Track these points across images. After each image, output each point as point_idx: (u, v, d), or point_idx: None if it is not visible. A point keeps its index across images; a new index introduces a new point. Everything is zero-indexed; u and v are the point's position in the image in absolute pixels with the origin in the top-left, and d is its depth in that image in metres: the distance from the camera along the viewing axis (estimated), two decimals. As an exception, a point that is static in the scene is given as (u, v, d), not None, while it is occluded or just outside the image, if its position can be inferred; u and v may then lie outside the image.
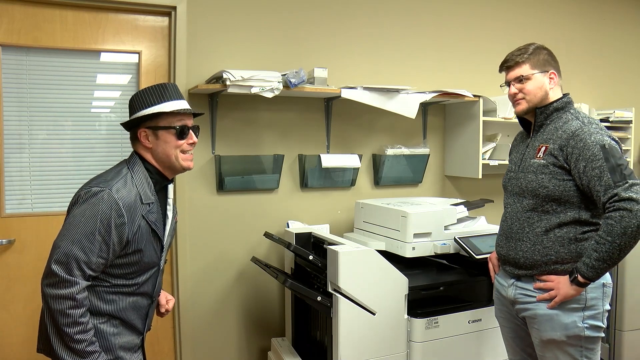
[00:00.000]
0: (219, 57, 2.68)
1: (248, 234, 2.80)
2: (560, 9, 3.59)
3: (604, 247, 1.66)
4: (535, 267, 1.85)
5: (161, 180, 1.66)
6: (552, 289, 1.80)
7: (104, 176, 1.58)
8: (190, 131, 1.66)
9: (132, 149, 1.67)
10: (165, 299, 1.88)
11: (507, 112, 3.05)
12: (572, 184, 1.78)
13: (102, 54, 2.57)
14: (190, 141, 1.65)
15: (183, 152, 1.64)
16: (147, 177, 1.61)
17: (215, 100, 2.66)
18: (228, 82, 2.38)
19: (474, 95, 2.94)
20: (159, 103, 1.60)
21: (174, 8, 2.58)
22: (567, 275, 1.78)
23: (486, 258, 2.34)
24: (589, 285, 1.76)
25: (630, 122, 3.51)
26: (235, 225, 2.77)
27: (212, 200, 2.72)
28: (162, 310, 1.86)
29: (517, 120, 3.00)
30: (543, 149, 1.85)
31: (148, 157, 1.63)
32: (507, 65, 1.93)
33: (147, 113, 1.58)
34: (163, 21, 2.65)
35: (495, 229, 2.56)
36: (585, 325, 1.78)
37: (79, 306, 1.43)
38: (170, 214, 1.69)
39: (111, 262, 1.52)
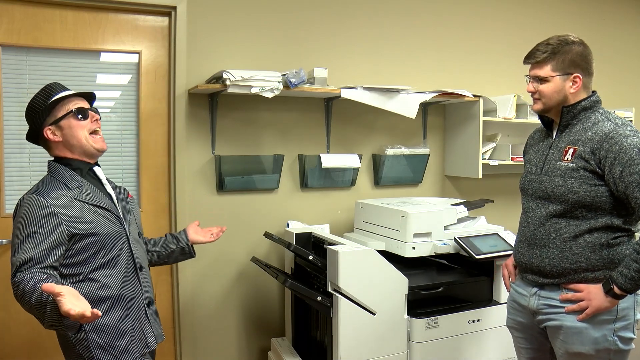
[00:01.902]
0: (219, 57, 2.68)
1: (248, 234, 2.80)
2: (560, 9, 3.59)
3: None
4: (563, 275, 1.72)
5: (84, 165, 1.72)
6: (582, 300, 1.68)
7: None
8: (90, 111, 1.72)
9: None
10: (210, 233, 2.12)
11: (507, 112, 3.05)
12: (605, 189, 1.65)
13: (102, 54, 2.57)
14: (94, 119, 1.72)
15: (92, 133, 1.71)
16: (67, 170, 1.68)
17: (215, 100, 2.66)
18: (228, 82, 2.38)
19: (474, 95, 2.93)
20: (49, 100, 1.67)
21: (174, 8, 2.58)
22: (599, 285, 1.65)
23: (486, 258, 2.34)
24: None
25: (630, 122, 3.50)
26: (235, 225, 2.77)
27: (212, 200, 2.72)
28: (214, 235, 2.12)
29: (517, 120, 3.07)
30: (571, 151, 1.71)
31: (63, 152, 1.70)
32: (529, 61, 1.80)
33: (41, 111, 1.65)
34: (163, 21, 2.65)
35: (495, 228, 2.57)
36: (616, 338, 1.67)
37: (27, 282, 1.43)
38: (111, 190, 1.76)
39: (77, 248, 1.58)
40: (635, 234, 1.73)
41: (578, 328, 1.70)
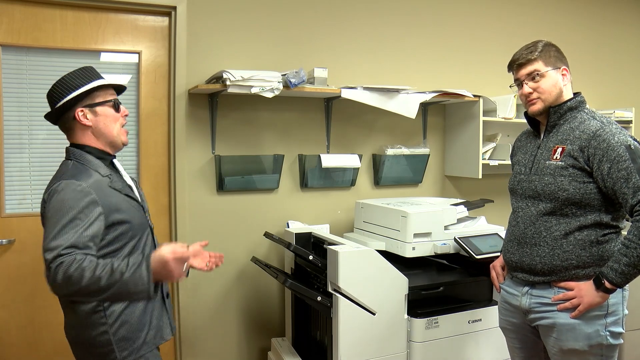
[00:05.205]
0: (219, 57, 2.68)
1: (248, 234, 2.80)
2: (560, 8, 3.59)
3: (635, 252, 1.59)
4: (554, 273, 1.74)
5: (105, 156, 1.69)
6: (574, 297, 1.70)
7: (55, 177, 1.62)
8: (121, 105, 1.72)
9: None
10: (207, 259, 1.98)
11: (507, 112, 3.05)
12: (594, 187, 1.68)
13: (102, 54, 2.57)
14: (125, 113, 1.73)
15: (122, 126, 1.71)
16: (94, 158, 1.65)
17: (215, 100, 2.66)
18: (228, 82, 2.38)
19: (474, 95, 2.93)
20: (90, 82, 1.64)
21: (174, 8, 2.58)
22: (590, 282, 1.68)
23: (486, 258, 2.34)
24: None
25: (630, 122, 3.51)
26: (235, 225, 2.77)
27: (212, 200, 2.72)
28: (210, 262, 1.97)
29: (517, 120, 3.07)
30: (560, 150, 1.74)
31: (87, 138, 1.65)
32: (518, 63, 1.81)
33: (86, 89, 1.62)
34: (163, 21, 2.65)
35: (495, 229, 2.57)
36: (608, 333, 1.70)
37: (81, 261, 1.42)
38: (131, 182, 1.75)
39: (110, 238, 1.57)
40: (622, 230, 1.75)
41: (571, 324, 1.72)
